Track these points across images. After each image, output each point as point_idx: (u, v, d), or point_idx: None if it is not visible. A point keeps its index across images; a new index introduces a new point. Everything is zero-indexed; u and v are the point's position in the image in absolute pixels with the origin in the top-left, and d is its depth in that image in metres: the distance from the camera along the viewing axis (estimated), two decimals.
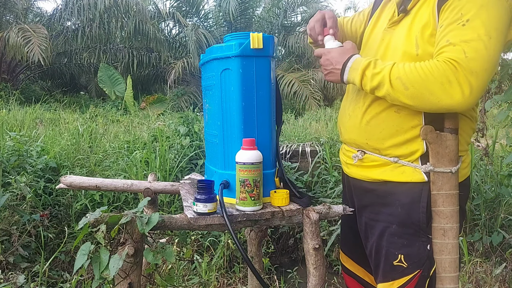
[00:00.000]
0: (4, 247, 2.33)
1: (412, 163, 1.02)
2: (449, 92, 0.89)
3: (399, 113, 1.02)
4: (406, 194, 1.02)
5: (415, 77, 0.92)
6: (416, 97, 0.92)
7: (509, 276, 2.33)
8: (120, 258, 1.12)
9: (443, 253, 1.00)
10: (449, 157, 0.99)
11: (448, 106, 0.91)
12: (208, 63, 1.35)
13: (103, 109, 7.56)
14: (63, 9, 9.84)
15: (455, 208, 1.00)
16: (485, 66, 0.88)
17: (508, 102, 2.34)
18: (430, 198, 1.00)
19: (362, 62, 1.01)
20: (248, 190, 1.20)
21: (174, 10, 10.62)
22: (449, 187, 0.99)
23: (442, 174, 0.99)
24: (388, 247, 1.05)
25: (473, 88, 0.88)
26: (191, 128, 3.53)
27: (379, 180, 1.07)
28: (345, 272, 1.35)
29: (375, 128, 1.07)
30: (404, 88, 0.93)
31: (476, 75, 0.88)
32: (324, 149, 3.34)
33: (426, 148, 1.01)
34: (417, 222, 1.01)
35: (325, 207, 1.35)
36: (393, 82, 0.95)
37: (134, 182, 1.82)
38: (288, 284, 2.59)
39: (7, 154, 2.77)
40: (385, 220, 1.06)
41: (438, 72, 0.90)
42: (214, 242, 2.74)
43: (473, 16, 0.88)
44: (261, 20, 11.62)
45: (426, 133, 0.99)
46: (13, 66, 10.03)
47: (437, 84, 0.90)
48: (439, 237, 1.00)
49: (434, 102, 0.91)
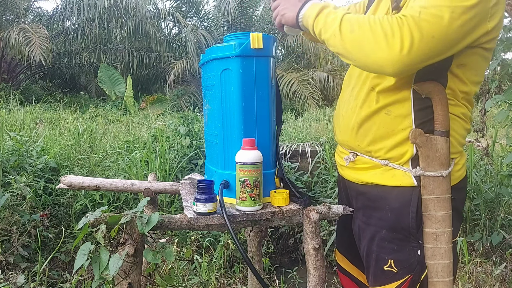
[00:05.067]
0: (4, 247, 2.33)
1: (402, 166, 1.00)
2: (388, 43, 0.84)
3: (389, 115, 1.00)
4: (395, 198, 1.00)
5: (363, 22, 0.89)
6: (356, 41, 0.89)
7: (509, 276, 2.33)
8: (120, 258, 1.12)
9: (435, 258, 0.98)
10: (439, 161, 0.97)
11: (381, 60, 0.86)
12: (208, 63, 1.35)
13: (103, 109, 7.56)
14: (63, 9, 9.85)
15: (447, 213, 0.98)
16: (435, 32, 0.83)
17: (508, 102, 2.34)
18: (420, 202, 0.98)
19: (321, 3, 1.00)
20: (248, 190, 1.20)
21: (174, 10, 10.62)
22: (441, 191, 0.97)
23: (432, 178, 0.97)
24: (378, 252, 1.04)
25: (414, 45, 0.83)
26: (191, 128, 3.53)
27: (370, 183, 1.06)
28: (340, 271, 1.35)
29: (367, 131, 1.05)
30: (350, 31, 0.90)
31: (421, 35, 0.83)
32: (324, 149, 3.34)
33: (416, 151, 0.98)
34: (407, 227, 0.99)
35: (325, 207, 1.35)
36: (343, 22, 0.92)
37: (134, 182, 1.82)
38: (288, 284, 2.59)
39: (7, 154, 2.77)
40: (376, 224, 1.05)
41: (387, 23, 0.86)
42: (214, 242, 2.74)
43: None
44: (261, 20, 11.63)
45: (415, 136, 0.97)
46: (13, 66, 10.03)
47: (381, 34, 0.86)
48: (431, 242, 0.98)
49: (368, 53, 0.87)
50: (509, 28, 2.04)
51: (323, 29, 0.96)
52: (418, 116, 0.97)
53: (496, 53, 2.01)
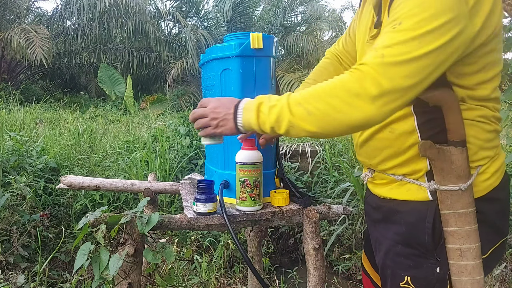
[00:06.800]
0: (4, 247, 2.33)
1: (417, 180, 0.94)
2: (356, 104, 0.76)
3: (393, 133, 0.94)
4: (411, 213, 0.95)
5: (317, 97, 0.80)
6: (322, 120, 0.79)
7: (509, 276, 2.33)
8: (120, 258, 1.12)
9: (462, 275, 0.90)
10: (456, 173, 0.87)
11: (361, 120, 0.77)
12: (208, 63, 1.35)
13: (103, 109, 7.57)
14: (63, 9, 9.85)
15: (471, 228, 0.88)
16: (405, 71, 0.73)
17: (508, 102, 2.34)
18: (437, 217, 0.92)
19: (255, 100, 0.90)
20: (248, 190, 1.20)
21: (174, 10, 10.62)
22: (461, 206, 0.88)
23: (450, 192, 0.88)
24: (394, 267, 0.99)
25: (385, 93, 0.74)
26: (191, 128, 3.53)
27: (387, 197, 1.02)
28: (363, 271, 1.34)
29: (374, 150, 1.01)
30: (307, 113, 0.80)
31: (390, 80, 0.74)
32: (324, 149, 3.34)
33: (429, 165, 0.91)
34: (423, 243, 0.93)
35: (325, 207, 1.35)
36: (293, 109, 0.82)
37: (134, 182, 1.82)
38: (288, 284, 2.59)
39: (7, 154, 2.78)
40: (392, 238, 1.00)
41: (342, 84, 0.78)
42: (214, 242, 2.74)
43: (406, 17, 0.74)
44: (261, 20, 11.63)
45: (425, 149, 0.89)
46: (13, 66, 10.03)
47: (342, 98, 0.77)
48: (456, 258, 0.90)
49: (343, 120, 0.78)
50: (509, 28, 2.04)
51: (274, 126, 0.86)
52: (424, 130, 0.90)
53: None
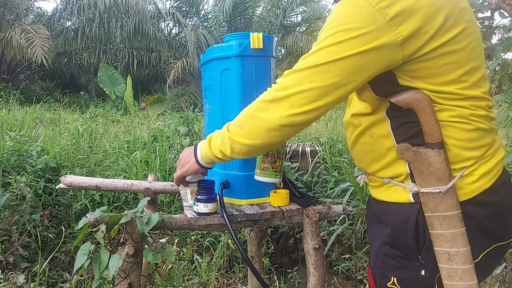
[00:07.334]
0: (4, 247, 2.33)
1: (402, 182, 0.96)
2: (269, 107, 0.88)
3: (372, 137, 0.97)
4: (395, 214, 0.98)
5: (246, 113, 0.94)
6: (250, 130, 0.92)
7: (509, 276, 2.33)
8: (120, 258, 1.12)
9: (453, 279, 0.89)
10: (436, 176, 0.87)
11: (275, 120, 0.88)
12: (208, 63, 1.35)
13: (103, 109, 7.57)
14: (63, 9, 9.85)
15: (457, 231, 0.88)
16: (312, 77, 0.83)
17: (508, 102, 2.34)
18: (421, 220, 0.93)
19: (208, 136, 1.06)
20: (271, 161, 1.21)
21: (174, 10, 10.63)
22: (444, 208, 0.88)
23: (432, 195, 0.89)
24: (382, 268, 1.02)
25: (291, 95, 0.85)
26: (191, 128, 3.54)
27: (378, 199, 1.07)
28: (369, 267, 1.36)
29: (360, 154, 1.04)
30: (240, 129, 0.94)
31: (297, 84, 0.84)
32: (324, 149, 3.34)
33: (409, 168, 0.93)
34: (406, 245, 0.95)
35: (325, 207, 1.35)
36: (231, 129, 0.96)
37: (134, 182, 1.82)
38: (288, 284, 2.59)
39: (7, 154, 2.78)
40: (381, 239, 1.02)
41: (261, 96, 0.91)
42: (214, 242, 2.74)
43: (322, 31, 0.84)
44: (261, 20, 11.63)
45: (402, 152, 0.89)
46: (13, 66, 10.04)
47: (260, 106, 0.90)
48: (445, 262, 0.89)
49: (263, 125, 0.90)
50: (509, 28, 2.04)
51: (222, 149, 0.99)
52: (398, 133, 0.92)
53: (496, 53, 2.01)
